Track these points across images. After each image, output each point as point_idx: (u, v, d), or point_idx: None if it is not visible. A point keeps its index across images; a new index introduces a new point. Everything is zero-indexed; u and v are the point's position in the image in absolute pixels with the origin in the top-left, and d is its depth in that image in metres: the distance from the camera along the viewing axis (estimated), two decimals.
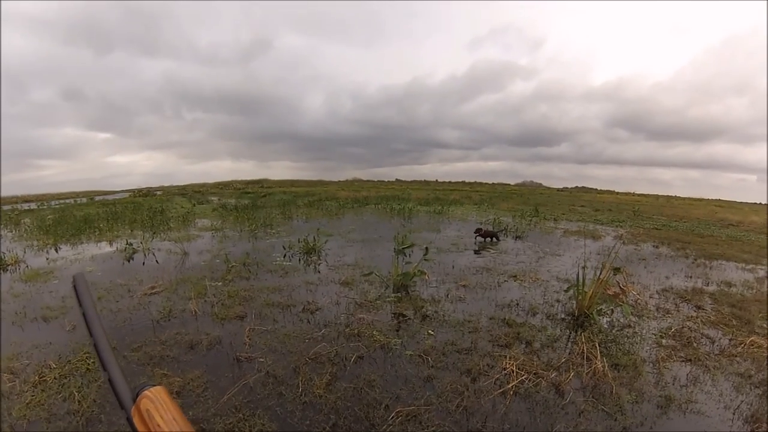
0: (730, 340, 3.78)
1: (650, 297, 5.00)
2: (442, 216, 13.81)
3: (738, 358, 3.42)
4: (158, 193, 35.19)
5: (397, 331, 3.77)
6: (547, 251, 7.85)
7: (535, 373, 2.95)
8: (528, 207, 17.54)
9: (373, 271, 5.16)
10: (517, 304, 4.53)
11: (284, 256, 6.85)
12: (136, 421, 0.52)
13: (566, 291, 4.66)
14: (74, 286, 0.58)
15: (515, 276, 5.72)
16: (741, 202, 45.99)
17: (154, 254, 7.17)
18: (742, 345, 3.63)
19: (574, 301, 4.30)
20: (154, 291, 4.92)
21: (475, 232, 8.90)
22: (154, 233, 9.64)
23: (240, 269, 5.97)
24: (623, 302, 4.19)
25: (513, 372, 2.93)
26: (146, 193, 34.98)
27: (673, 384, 2.95)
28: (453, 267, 6.22)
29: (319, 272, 5.89)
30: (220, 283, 5.22)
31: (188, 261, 6.67)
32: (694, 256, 8.06)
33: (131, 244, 7.36)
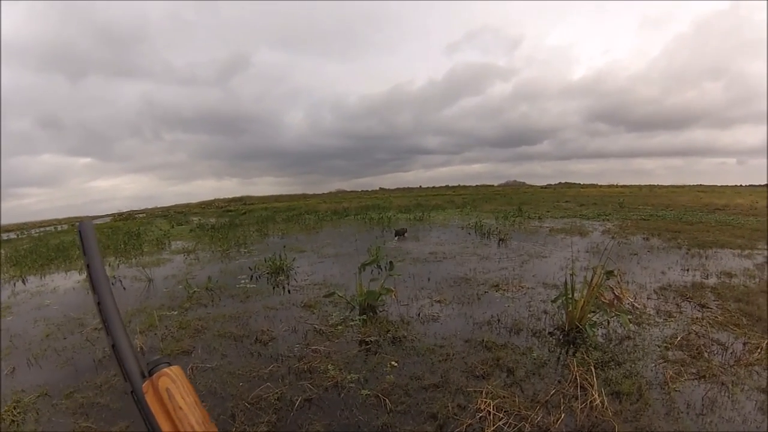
0: (744, 344, 3.25)
1: (648, 298, 4.45)
2: (422, 223, 13.23)
3: (756, 367, 2.89)
4: (140, 216, 34.05)
5: (357, 362, 3.17)
6: (532, 253, 7.28)
7: (517, 414, 2.35)
8: (511, 207, 17.04)
9: (335, 292, 4.53)
10: (499, 320, 3.93)
11: (250, 278, 6.25)
12: (149, 398, 0.46)
13: (554, 301, 4.08)
14: (79, 233, 0.51)
15: (497, 285, 5.11)
16: (722, 186, 46.41)
17: (121, 282, 6.59)
18: (759, 349, 3.10)
19: (563, 312, 3.73)
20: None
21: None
22: (122, 259, 9.01)
23: (201, 295, 5.39)
24: (619, 310, 3.62)
25: (489, 414, 2.33)
26: (127, 216, 33.67)
27: (688, 413, 2.38)
28: (429, 279, 5.61)
29: (287, 293, 5.34)
30: (175, 312, 4.70)
31: (152, 288, 6.11)
32: (687, 246, 7.60)
33: None
